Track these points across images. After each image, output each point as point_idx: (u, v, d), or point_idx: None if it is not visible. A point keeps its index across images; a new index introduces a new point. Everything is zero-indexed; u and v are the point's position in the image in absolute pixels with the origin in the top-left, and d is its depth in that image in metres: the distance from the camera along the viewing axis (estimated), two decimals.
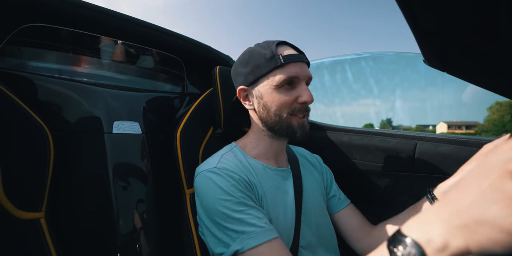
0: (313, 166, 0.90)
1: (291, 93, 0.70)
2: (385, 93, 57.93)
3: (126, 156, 0.81)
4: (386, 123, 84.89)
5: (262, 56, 0.70)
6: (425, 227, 0.26)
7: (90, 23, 0.86)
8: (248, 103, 0.77)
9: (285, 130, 0.72)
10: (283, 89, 0.70)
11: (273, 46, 0.70)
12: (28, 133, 0.66)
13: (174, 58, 1.12)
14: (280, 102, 0.70)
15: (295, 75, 0.69)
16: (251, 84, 0.74)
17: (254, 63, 0.72)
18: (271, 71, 0.70)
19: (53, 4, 0.77)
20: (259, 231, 0.60)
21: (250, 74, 0.73)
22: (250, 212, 0.63)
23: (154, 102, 0.95)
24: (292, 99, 0.70)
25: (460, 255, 0.23)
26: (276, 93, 0.70)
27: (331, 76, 1.79)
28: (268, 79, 0.70)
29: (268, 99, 0.71)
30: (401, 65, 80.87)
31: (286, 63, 0.69)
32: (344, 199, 0.89)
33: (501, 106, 68.86)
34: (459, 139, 0.92)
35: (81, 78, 0.92)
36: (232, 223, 0.61)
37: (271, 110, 0.71)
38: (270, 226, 0.63)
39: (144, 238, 0.78)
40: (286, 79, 0.69)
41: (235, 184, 0.66)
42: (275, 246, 0.60)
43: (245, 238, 0.59)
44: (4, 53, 0.77)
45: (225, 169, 0.69)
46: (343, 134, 1.15)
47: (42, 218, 0.65)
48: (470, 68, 0.63)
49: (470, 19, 0.41)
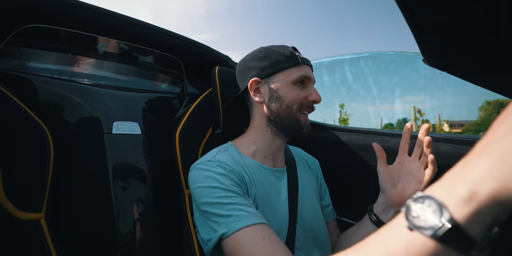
0: (309, 169, 0.90)
1: (303, 91, 0.77)
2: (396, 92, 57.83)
3: (126, 156, 0.81)
4: (402, 122, 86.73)
5: (282, 54, 0.77)
6: (450, 181, 0.25)
7: (90, 24, 0.86)
8: (259, 95, 0.79)
9: (293, 126, 0.77)
10: (297, 85, 0.76)
11: (290, 48, 0.79)
12: (28, 133, 0.66)
13: (173, 59, 1.12)
14: (293, 96, 0.75)
15: (308, 76, 0.77)
16: (266, 77, 0.77)
17: (272, 59, 0.77)
18: (289, 68, 0.76)
19: (53, 5, 0.77)
20: (245, 215, 0.59)
21: (268, 68, 0.77)
22: (239, 199, 0.63)
23: (154, 103, 0.95)
24: (304, 96, 0.77)
25: (487, 207, 0.22)
26: (292, 88, 0.76)
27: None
28: (284, 75, 0.76)
29: (283, 92, 0.76)
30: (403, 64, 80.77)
31: (303, 63, 0.77)
32: (333, 212, 0.92)
33: (489, 104, 70.24)
34: (459, 139, 0.92)
35: (80, 78, 0.92)
36: (219, 208, 0.61)
37: (284, 102, 0.75)
38: (259, 213, 0.62)
39: (144, 238, 0.78)
40: (301, 77, 0.76)
41: (226, 173, 0.67)
42: (264, 229, 0.59)
43: (232, 221, 0.59)
44: (4, 54, 0.77)
45: (219, 161, 0.70)
46: (343, 134, 1.15)
47: (42, 218, 0.65)
48: (470, 67, 0.63)
49: (469, 18, 0.41)
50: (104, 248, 0.74)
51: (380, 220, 0.73)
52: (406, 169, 0.71)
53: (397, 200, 0.70)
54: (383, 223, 0.72)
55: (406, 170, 0.71)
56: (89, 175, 0.76)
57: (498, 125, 0.24)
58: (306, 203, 0.79)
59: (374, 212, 0.74)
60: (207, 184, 0.65)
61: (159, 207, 0.84)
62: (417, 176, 0.69)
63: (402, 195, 0.69)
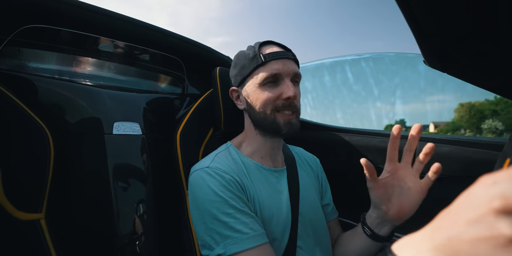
0: (310, 167, 0.90)
1: (274, 90, 0.72)
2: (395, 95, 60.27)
3: (126, 157, 0.81)
4: (399, 123, 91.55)
5: (246, 56, 0.74)
6: (416, 250, 0.26)
7: (90, 24, 0.86)
8: (240, 103, 0.80)
9: (270, 127, 0.73)
10: (266, 86, 0.72)
11: (257, 46, 0.74)
12: (28, 134, 0.66)
13: (174, 59, 1.12)
14: (263, 99, 0.72)
15: (277, 72, 0.71)
16: (240, 84, 0.77)
17: (240, 64, 0.76)
18: (254, 70, 0.73)
19: (53, 5, 0.77)
20: (243, 238, 0.60)
21: (238, 75, 0.77)
22: (238, 216, 0.63)
23: (154, 103, 0.95)
24: (276, 96, 0.72)
25: None
26: (260, 91, 0.72)
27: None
28: (252, 78, 0.73)
29: (253, 97, 0.74)
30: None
31: (267, 61, 0.71)
32: (335, 211, 0.91)
33: (462, 106, 73.05)
34: (459, 140, 0.92)
35: (81, 79, 0.92)
36: (218, 226, 0.62)
37: (256, 107, 0.74)
38: (257, 232, 0.63)
39: (144, 239, 0.78)
40: (268, 76, 0.71)
41: (225, 185, 0.66)
42: (259, 254, 0.60)
43: (229, 243, 0.60)
44: (4, 55, 0.77)
45: (217, 168, 0.69)
46: (343, 134, 1.15)
47: (42, 219, 0.65)
48: (470, 69, 0.63)
49: (470, 20, 0.41)
50: (104, 249, 0.74)
51: (376, 233, 0.69)
52: (399, 179, 0.63)
53: (395, 215, 0.63)
54: (379, 236, 0.69)
55: (400, 180, 0.63)
56: (89, 176, 0.76)
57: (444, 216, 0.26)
58: (308, 202, 0.79)
59: (368, 225, 0.70)
60: (207, 196, 0.65)
61: (159, 208, 0.84)
62: (413, 186, 0.62)
63: (400, 209, 0.63)
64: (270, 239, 0.68)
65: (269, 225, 0.69)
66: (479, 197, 0.22)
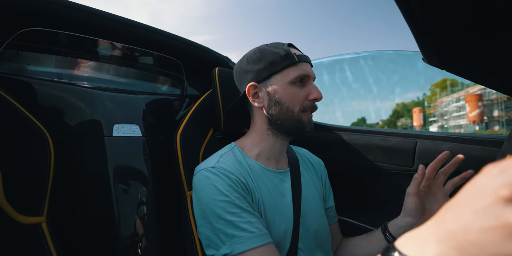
0: (314, 169, 0.90)
1: (302, 90, 0.74)
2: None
3: (127, 159, 0.81)
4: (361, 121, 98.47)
5: (277, 54, 0.73)
6: (421, 245, 0.26)
7: (89, 27, 0.86)
8: (258, 100, 0.77)
9: (296, 126, 0.74)
10: (296, 85, 0.73)
11: (286, 46, 0.75)
12: (28, 137, 0.66)
13: (173, 60, 1.12)
14: (293, 97, 0.73)
15: (307, 74, 0.74)
16: (263, 80, 0.75)
17: (267, 60, 0.74)
18: (286, 68, 0.73)
19: (52, 8, 0.77)
20: (249, 237, 0.60)
21: (264, 70, 0.74)
22: (243, 215, 0.63)
23: (154, 105, 0.95)
24: (304, 96, 0.74)
25: None
26: (289, 89, 0.73)
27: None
28: (281, 76, 0.73)
29: (282, 94, 0.73)
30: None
31: (300, 62, 0.73)
32: (335, 215, 0.92)
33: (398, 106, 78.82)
34: (459, 137, 0.92)
35: (80, 81, 0.92)
36: (224, 225, 0.62)
37: (284, 105, 0.73)
38: (262, 231, 0.63)
39: (145, 241, 0.78)
40: (299, 76, 0.73)
41: (231, 184, 0.66)
42: (265, 252, 0.61)
43: (235, 242, 0.60)
44: (3, 58, 0.77)
45: (223, 169, 0.69)
46: (343, 133, 1.15)
47: (43, 222, 0.65)
48: (470, 66, 0.63)
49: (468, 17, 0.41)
50: (106, 252, 0.74)
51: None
52: (431, 195, 0.73)
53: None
54: None
55: (432, 196, 0.73)
56: (90, 178, 0.76)
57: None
58: (310, 204, 0.79)
59: (392, 233, 0.74)
60: (212, 196, 0.65)
61: (160, 210, 0.84)
62: (440, 202, 0.71)
63: (431, 216, 0.69)
64: (273, 240, 0.68)
65: (271, 227, 0.69)
66: (486, 187, 0.22)
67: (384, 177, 1.04)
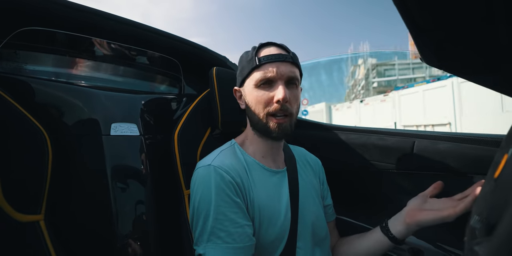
0: (311, 168, 0.90)
1: (268, 93, 0.73)
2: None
3: (124, 158, 0.81)
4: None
5: (245, 58, 0.77)
6: None
7: (86, 26, 0.86)
8: (241, 103, 0.81)
9: (263, 130, 0.75)
10: (261, 88, 0.73)
11: (255, 49, 0.76)
12: (26, 136, 0.66)
13: (170, 60, 1.12)
14: (257, 100, 0.73)
15: (270, 75, 0.72)
16: (241, 85, 0.80)
17: (241, 66, 0.79)
18: (251, 72, 0.75)
19: (49, 7, 0.77)
20: (222, 247, 0.62)
21: (239, 76, 0.80)
22: (225, 223, 0.64)
23: (152, 104, 0.95)
24: (268, 98, 0.72)
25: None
26: (255, 92, 0.74)
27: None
28: (250, 80, 0.75)
29: (250, 97, 0.76)
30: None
31: (262, 64, 0.73)
32: (333, 213, 0.93)
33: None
34: (457, 136, 0.92)
35: (78, 81, 0.92)
36: (204, 227, 0.65)
37: (251, 108, 0.75)
38: (238, 244, 0.63)
39: (144, 239, 0.78)
40: (261, 79, 0.72)
41: (223, 187, 0.67)
42: None
43: (209, 246, 0.63)
44: (1, 57, 0.77)
45: (219, 167, 0.69)
46: (340, 132, 1.15)
47: (42, 220, 0.65)
48: (467, 65, 0.63)
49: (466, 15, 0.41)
50: (104, 249, 0.74)
51: (396, 238, 0.75)
52: (433, 204, 0.75)
53: (409, 214, 0.74)
54: (398, 239, 0.75)
55: (433, 205, 0.75)
56: (88, 177, 0.76)
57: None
58: (308, 203, 0.79)
59: (392, 232, 0.75)
60: (203, 195, 0.67)
61: (158, 208, 0.84)
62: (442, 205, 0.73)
63: (416, 212, 0.73)
64: (270, 239, 0.69)
65: (268, 225, 0.70)
66: None
67: (382, 176, 1.04)
